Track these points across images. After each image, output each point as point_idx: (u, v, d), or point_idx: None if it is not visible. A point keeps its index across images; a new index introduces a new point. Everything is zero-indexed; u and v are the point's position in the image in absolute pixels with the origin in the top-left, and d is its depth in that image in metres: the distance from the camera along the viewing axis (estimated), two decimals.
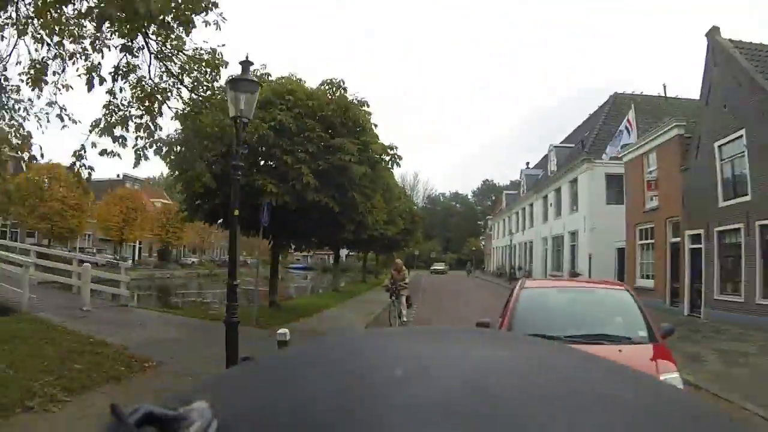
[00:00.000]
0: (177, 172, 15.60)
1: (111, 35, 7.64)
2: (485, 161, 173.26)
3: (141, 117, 8.57)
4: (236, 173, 8.24)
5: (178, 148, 10.88)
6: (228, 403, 0.57)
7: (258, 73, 14.52)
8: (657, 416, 0.58)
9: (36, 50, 7.87)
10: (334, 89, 16.78)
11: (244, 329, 9.35)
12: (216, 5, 7.51)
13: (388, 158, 17.78)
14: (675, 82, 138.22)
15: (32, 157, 9.00)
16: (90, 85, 7.68)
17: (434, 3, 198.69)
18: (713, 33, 17.87)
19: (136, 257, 55.25)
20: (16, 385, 6.87)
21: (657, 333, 6.19)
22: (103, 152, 8.40)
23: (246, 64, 8.56)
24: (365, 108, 17.04)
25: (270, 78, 16.13)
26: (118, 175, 52.04)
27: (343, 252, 47.18)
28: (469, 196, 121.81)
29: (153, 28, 7.37)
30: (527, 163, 57.62)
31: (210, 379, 0.79)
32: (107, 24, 6.86)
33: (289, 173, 14.40)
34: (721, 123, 17.01)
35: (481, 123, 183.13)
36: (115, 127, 8.28)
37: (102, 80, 7.87)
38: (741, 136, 15.89)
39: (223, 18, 7.84)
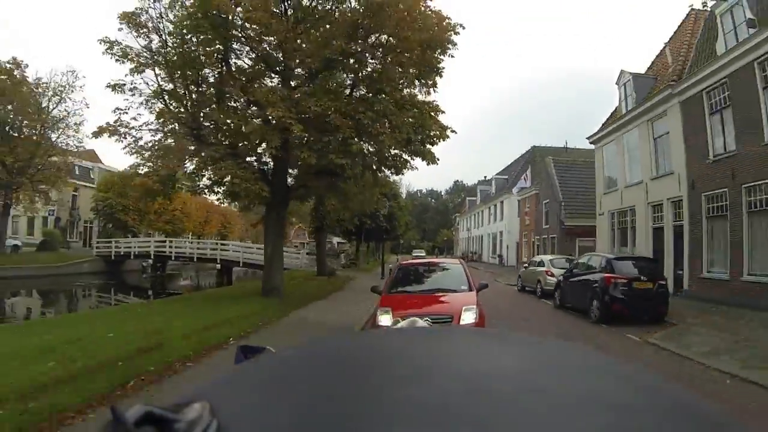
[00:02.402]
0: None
1: None
2: (456, 163, 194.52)
3: None
4: (381, 225, 31.64)
5: None
6: (228, 403, 0.59)
7: None
8: (658, 416, 0.59)
9: None
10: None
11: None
12: None
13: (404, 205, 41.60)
14: None
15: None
16: None
17: None
18: (533, 151, 41.47)
19: None
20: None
21: (473, 286, 9.83)
22: None
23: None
24: (398, 185, 40.69)
25: None
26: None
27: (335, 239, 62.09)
28: (443, 193, 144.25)
29: None
30: (485, 176, 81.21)
31: (210, 380, 0.80)
32: None
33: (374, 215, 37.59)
34: (544, 193, 40.56)
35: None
36: None
37: None
38: (548, 202, 39.44)
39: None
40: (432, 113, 18.09)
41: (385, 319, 8.56)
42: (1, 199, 36.45)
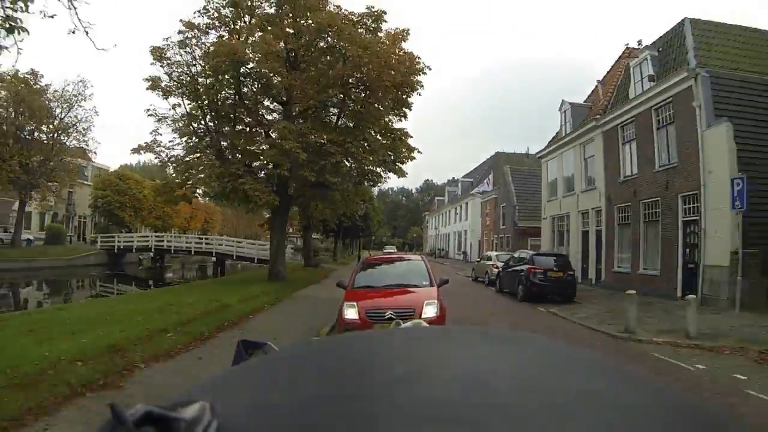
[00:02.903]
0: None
1: None
2: (427, 160, 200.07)
3: None
4: (357, 224, 36.72)
5: None
6: (228, 403, 0.59)
7: None
8: (658, 416, 0.59)
9: None
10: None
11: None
12: None
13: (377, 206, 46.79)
14: None
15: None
16: None
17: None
18: (496, 157, 46.93)
19: None
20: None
21: (434, 282, 10.45)
22: None
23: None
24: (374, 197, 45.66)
25: None
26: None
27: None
28: (414, 192, 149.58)
29: None
30: (453, 177, 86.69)
31: (210, 379, 0.80)
32: None
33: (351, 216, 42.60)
34: (502, 197, 45.94)
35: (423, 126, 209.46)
36: None
37: None
38: (505, 205, 44.80)
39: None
40: (402, 138, 23.17)
41: (350, 313, 9.39)
42: (17, 197, 40.57)
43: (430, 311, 9.17)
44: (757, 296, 16.38)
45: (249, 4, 22.79)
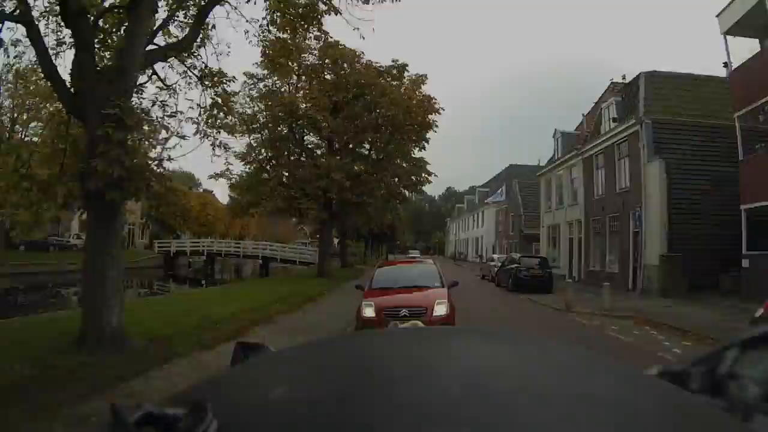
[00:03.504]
0: None
1: None
2: (449, 166, 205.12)
3: None
4: (385, 231, 43.47)
5: None
6: (228, 403, 0.61)
7: None
8: (656, 415, 0.61)
9: None
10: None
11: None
12: None
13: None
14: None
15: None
16: None
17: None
18: (509, 169, 53.42)
19: None
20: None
21: (445, 283, 11.22)
22: None
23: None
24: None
25: None
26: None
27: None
28: (436, 198, 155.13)
29: None
30: (473, 186, 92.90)
31: (210, 379, 0.81)
32: None
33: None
34: (513, 208, 52.26)
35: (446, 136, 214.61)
36: None
37: None
38: (514, 214, 51.06)
39: None
40: (422, 165, 29.91)
41: (368, 311, 10.14)
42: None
43: (440, 309, 9.96)
44: (678, 287, 22.66)
45: (296, 54, 29.47)
